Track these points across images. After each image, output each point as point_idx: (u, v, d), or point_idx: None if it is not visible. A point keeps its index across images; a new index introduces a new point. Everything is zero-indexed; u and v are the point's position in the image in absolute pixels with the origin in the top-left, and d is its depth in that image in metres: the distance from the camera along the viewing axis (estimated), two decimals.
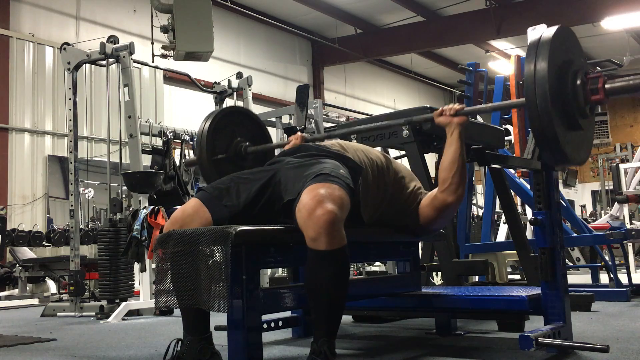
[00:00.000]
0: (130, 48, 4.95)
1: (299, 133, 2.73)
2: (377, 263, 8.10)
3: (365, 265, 8.24)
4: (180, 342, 1.98)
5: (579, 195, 18.52)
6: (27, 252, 7.21)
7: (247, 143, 2.78)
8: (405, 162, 3.11)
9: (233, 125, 2.80)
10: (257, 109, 7.48)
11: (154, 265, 2.78)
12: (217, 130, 2.73)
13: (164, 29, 6.03)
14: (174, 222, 2.03)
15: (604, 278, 5.16)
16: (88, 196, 8.57)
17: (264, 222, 2.02)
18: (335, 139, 2.61)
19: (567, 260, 4.59)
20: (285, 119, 7.05)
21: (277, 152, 2.85)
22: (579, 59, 2.07)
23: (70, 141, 4.92)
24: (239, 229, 1.82)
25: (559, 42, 1.98)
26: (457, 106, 2.29)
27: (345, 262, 1.84)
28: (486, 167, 4.12)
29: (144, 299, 4.48)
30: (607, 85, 2.00)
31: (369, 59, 14.94)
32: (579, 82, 2.00)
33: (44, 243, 7.35)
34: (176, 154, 6.10)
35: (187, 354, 1.94)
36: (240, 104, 6.80)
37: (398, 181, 2.36)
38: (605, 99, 2.01)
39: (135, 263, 4.48)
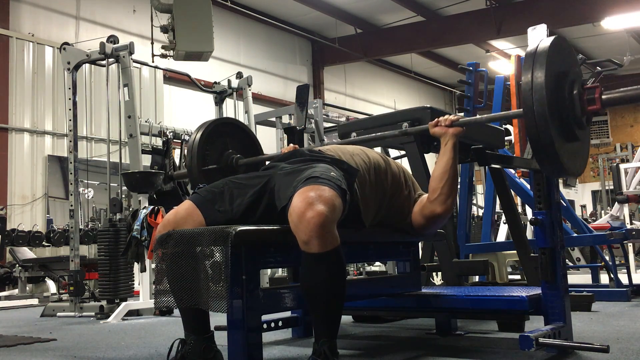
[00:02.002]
0: (130, 48, 4.95)
1: (291, 145, 2.69)
2: (377, 263, 8.09)
3: (365, 265, 8.23)
4: (183, 342, 1.98)
5: (579, 195, 18.51)
6: (26, 252, 7.20)
7: (238, 155, 2.78)
8: (405, 162, 3.11)
9: (224, 136, 2.80)
10: (257, 109, 7.51)
11: (153, 265, 2.78)
12: (208, 141, 2.73)
13: (164, 29, 6.03)
14: (167, 225, 2.02)
15: (604, 278, 5.17)
16: (88, 196, 8.56)
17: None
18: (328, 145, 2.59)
19: (567, 260, 4.60)
20: (285, 119, 7.05)
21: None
22: (575, 69, 2.07)
23: (70, 141, 4.91)
24: (238, 229, 1.81)
25: (555, 52, 1.97)
26: (452, 117, 2.28)
27: (339, 263, 1.83)
28: (486, 167, 4.12)
29: (144, 299, 4.48)
30: (603, 96, 2.00)
31: (369, 59, 14.94)
32: (575, 92, 2.00)
33: (43, 243, 7.34)
34: (176, 154, 6.10)
35: (192, 353, 1.95)
36: (240, 104, 6.81)
37: (397, 182, 2.35)
38: (602, 109, 2.01)
39: (135, 263, 4.47)
